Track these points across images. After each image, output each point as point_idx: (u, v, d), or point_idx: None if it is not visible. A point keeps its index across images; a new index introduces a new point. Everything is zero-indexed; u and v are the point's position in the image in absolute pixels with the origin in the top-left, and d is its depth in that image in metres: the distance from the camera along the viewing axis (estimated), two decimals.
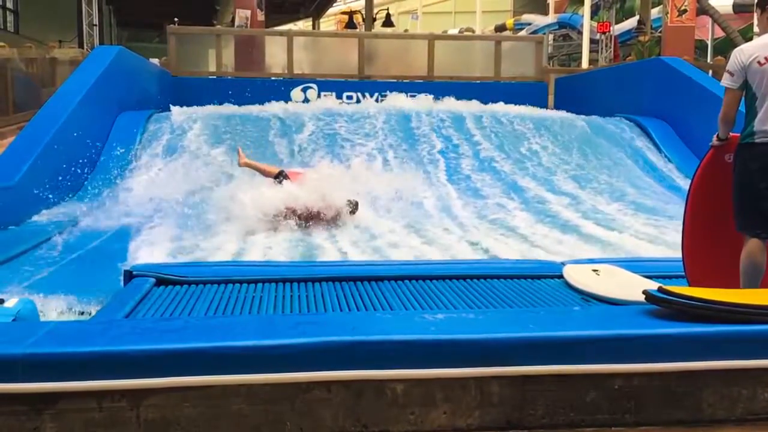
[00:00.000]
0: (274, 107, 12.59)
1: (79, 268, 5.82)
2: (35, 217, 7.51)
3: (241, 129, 11.31)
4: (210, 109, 12.46)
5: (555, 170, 10.57)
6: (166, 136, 10.87)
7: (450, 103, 13.55)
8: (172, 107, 11.98)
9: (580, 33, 24.74)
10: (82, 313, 4.62)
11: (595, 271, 4.66)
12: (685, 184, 9.10)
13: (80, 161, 9.35)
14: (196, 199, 8.42)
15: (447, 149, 11.08)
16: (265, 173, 8.51)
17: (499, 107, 13.28)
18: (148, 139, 10.70)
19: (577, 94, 14.82)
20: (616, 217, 8.57)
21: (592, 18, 23.09)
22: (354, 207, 7.96)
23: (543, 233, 7.72)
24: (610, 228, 7.91)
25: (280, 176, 8.25)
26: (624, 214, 8.67)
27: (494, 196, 9.60)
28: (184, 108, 12.16)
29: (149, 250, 6.38)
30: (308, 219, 7.75)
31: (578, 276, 4.57)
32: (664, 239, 7.14)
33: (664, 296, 3.05)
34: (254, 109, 12.41)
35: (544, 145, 11.35)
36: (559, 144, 11.45)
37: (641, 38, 20.07)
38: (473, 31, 31.04)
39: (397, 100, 14.05)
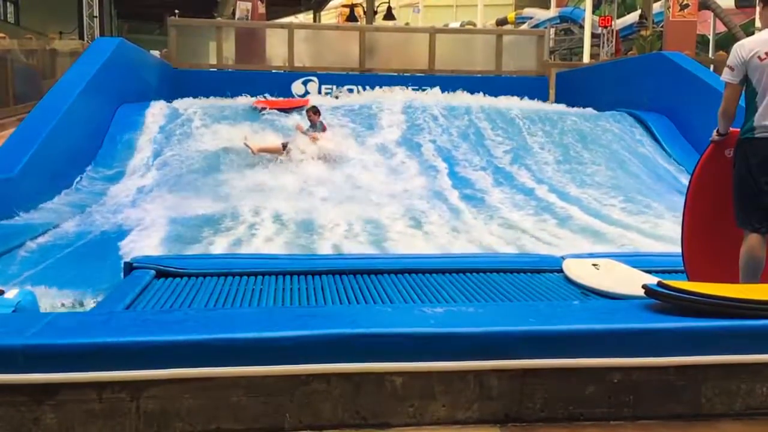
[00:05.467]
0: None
1: (79, 260, 5.83)
2: (35, 208, 7.51)
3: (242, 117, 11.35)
4: (211, 100, 12.44)
5: (552, 164, 10.55)
6: (167, 127, 10.85)
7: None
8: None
9: (582, 27, 24.68)
10: (82, 305, 4.63)
11: (594, 265, 4.66)
12: (685, 178, 9.10)
13: (80, 153, 9.34)
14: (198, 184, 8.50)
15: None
16: (273, 150, 10.23)
17: (502, 101, 13.29)
18: (148, 130, 10.68)
19: (578, 88, 14.78)
20: (615, 211, 8.56)
21: (593, 12, 23.04)
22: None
23: (540, 227, 7.72)
24: (608, 222, 7.91)
25: (285, 147, 10.19)
26: (623, 209, 8.66)
27: (486, 183, 9.66)
28: (185, 99, 12.14)
29: (149, 242, 6.39)
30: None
31: (578, 270, 4.57)
32: (663, 234, 7.14)
33: (664, 291, 3.05)
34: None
35: (542, 139, 11.34)
36: (558, 138, 11.42)
37: (643, 33, 20.02)
38: (474, 25, 30.98)
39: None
